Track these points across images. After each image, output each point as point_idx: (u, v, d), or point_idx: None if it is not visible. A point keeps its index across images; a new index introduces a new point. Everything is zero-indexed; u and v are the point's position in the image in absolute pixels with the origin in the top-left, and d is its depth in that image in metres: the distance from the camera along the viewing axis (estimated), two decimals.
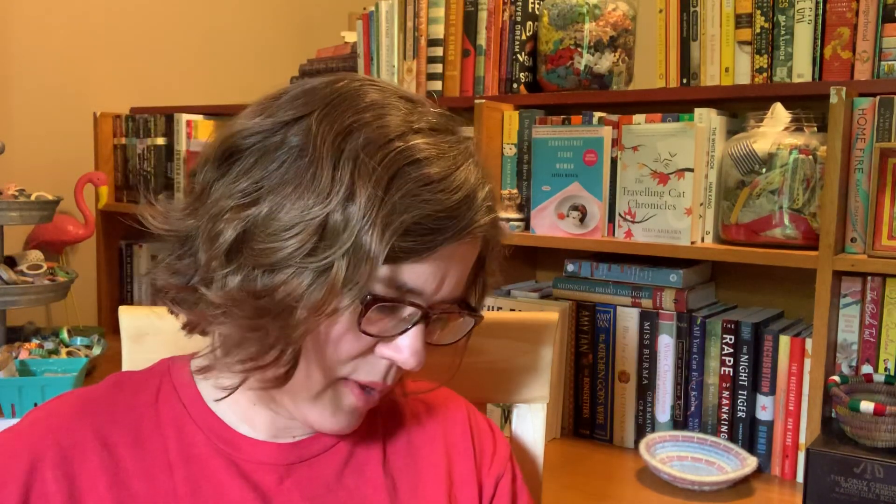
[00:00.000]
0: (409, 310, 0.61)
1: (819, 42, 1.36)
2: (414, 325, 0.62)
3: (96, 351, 1.86)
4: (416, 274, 0.60)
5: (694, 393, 1.44)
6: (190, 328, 0.66)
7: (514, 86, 1.70)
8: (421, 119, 0.61)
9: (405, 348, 0.62)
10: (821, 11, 1.36)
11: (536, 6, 1.72)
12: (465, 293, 0.67)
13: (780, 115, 1.35)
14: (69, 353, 1.80)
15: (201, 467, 0.64)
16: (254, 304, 0.58)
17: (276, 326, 0.58)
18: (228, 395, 0.64)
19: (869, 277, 1.30)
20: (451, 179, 0.60)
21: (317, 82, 0.63)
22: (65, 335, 1.90)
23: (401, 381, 0.72)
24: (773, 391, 1.37)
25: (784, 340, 1.36)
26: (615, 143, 1.48)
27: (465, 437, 0.75)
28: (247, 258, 0.58)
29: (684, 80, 1.50)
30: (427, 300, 0.61)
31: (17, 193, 1.83)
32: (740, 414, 1.40)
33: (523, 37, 1.70)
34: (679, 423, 1.46)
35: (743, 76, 1.44)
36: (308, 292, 0.56)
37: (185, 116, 2.12)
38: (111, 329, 2.18)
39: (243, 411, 0.67)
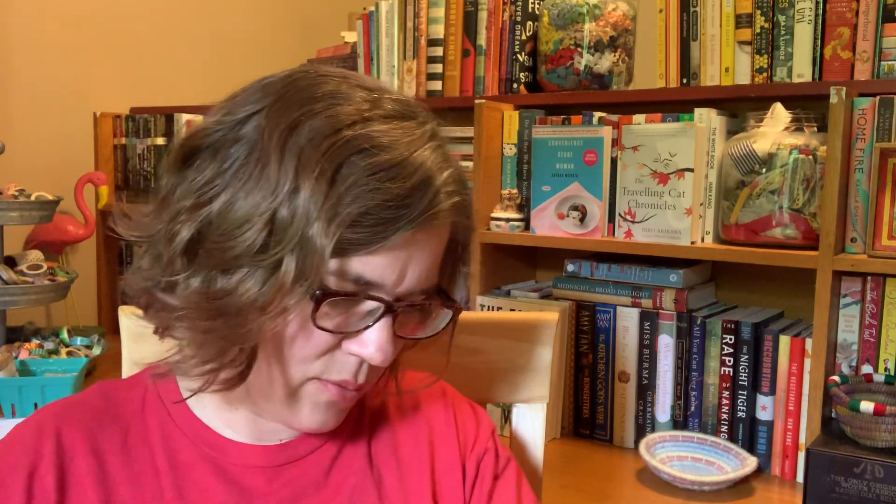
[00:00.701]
0: (370, 303, 0.60)
1: (819, 42, 1.36)
2: (378, 319, 0.60)
3: (96, 351, 1.86)
4: (373, 266, 0.58)
5: (694, 393, 1.44)
6: (160, 333, 0.65)
7: (514, 86, 1.70)
8: (376, 107, 0.60)
9: (370, 343, 0.60)
10: (821, 11, 1.36)
11: (536, 6, 1.72)
12: (439, 283, 0.65)
13: (780, 115, 1.35)
14: (69, 353, 1.80)
15: (187, 473, 0.64)
16: (209, 307, 0.58)
17: (232, 328, 0.57)
18: (191, 395, 0.65)
19: (869, 277, 1.30)
20: (404, 166, 0.58)
21: (275, 77, 0.63)
22: (65, 335, 1.90)
23: (394, 379, 0.72)
24: (773, 391, 1.37)
25: (784, 340, 1.36)
26: (615, 143, 1.48)
27: (448, 424, 0.74)
28: (203, 259, 0.58)
29: (684, 80, 1.50)
30: (390, 292, 0.60)
31: (17, 193, 1.83)
32: (740, 414, 1.40)
33: (523, 37, 1.70)
34: (679, 423, 1.46)
35: (743, 76, 1.44)
36: (260, 291, 0.56)
37: (185, 116, 2.12)
38: (111, 329, 2.18)
39: (226, 415, 0.67)
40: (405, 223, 0.57)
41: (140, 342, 0.82)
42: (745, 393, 1.39)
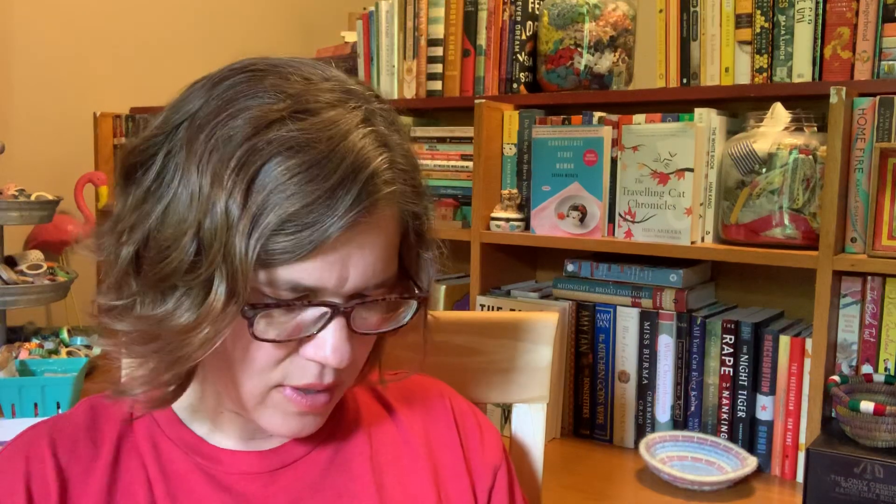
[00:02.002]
0: (316, 309, 0.58)
1: (819, 42, 1.36)
2: (328, 321, 0.58)
3: (96, 351, 1.86)
4: (307, 272, 0.56)
5: (694, 393, 1.44)
6: (112, 356, 0.63)
7: (514, 86, 1.70)
8: (298, 102, 0.56)
9: (324, 345, 0.58)
10: (821, 11, 1.36)
11: (536, 6, 1.72)
12: (397, 273, 0.63)
13: (780, 115, 1.35)
14: (69, 353, 1.80)
15: (181, 483, 0.64)
16: (150, 331, 0.57)
17: (173, 350, 0.56)
18: (140, 415, 0.64)
19: (869, 277, 1.30)
20: (324, 165, 0.54)
21: (206, 78, 0.61)
22: (65, 335, 1.90)
23: (378, 370, 0.70)
24: (773, 391, 1.37)
25: (784, 340, 1.36)
26: (615, 143, 1.48)
27: (449, 428, 0.74)
28: (143, 281, 0.57)
29: (684, 80, 1.50)
30: (336, 293, 0.58)
31: (17, 193, 1.83)
32: (740, 414, 1.40)
33: (523, 37, 1.70)
34: (679, 423, 1.46)
35: (743, 76, 1.44)
36: (197, 311, 0.55)
37: None
38: None
39: (215, 422, 0.67)
40: (332, 224, 0.54)
41: None
42: (745, 393, 1.39)
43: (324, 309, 0.58)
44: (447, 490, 0.70)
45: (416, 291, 0.64)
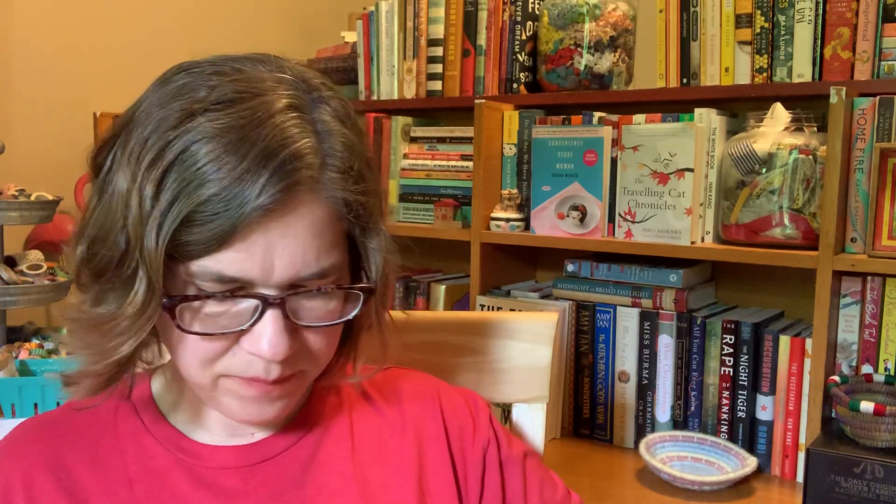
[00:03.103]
0: (248, 301, 0.57)
1: (819, 42, 1.36)
2: (261, 314, 0.57)
3: None
4: (228, 262, 0.55)
5: (694, 393, 1.44)
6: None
7: (514, 86, 1.70)
8: (216, 92, 0.56)
9: (260, 338, 0.57)
10: (821, 11, 1.36)
11: (536, 6, 1.72)
12: (340, 263, 0.61)
13: (780, 115, 1.35)
14: (69, 353, 1.80)
15: (161, 480, 0.64)
16: (87, 325, 0.59)
17: (106, 343, 0.58)
18: (88, 407, 0.66)
19: (869, 277, 1.30)
20: (236, 151, 0.53)
21: (154, 82, 0.62)
22: (65, 335, 1.90)
23: (351, 364, 0.69)
24: (773, 391, 1.37)
25: (784, 340, 1.36)
26: (615, 143, 1.48)
27: (435, 421, 0.73)
28: (89, 277, 0.60)
29: (684, 80, 1.50)
30: (265, 285, 0.57)
31: (17, 193, 1.83)
32: (740, 414, 1.40)
33: (523, 37, 1.70)
34: (679, 423, 1.46)
35: (743, 76, 1.44)
36: (126, 304, 0.56)
37: None
38: None
39: (197, 417, 0.67)
40: (243, 212, 0.53)
41: None
42: (745, 393, 1.39)
43: (254, 301, 0.57)
44: (429, 485, 0.70)
45: (365, 283, 0.63)
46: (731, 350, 1.40)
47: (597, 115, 1.53)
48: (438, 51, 1.78)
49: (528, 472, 0.76)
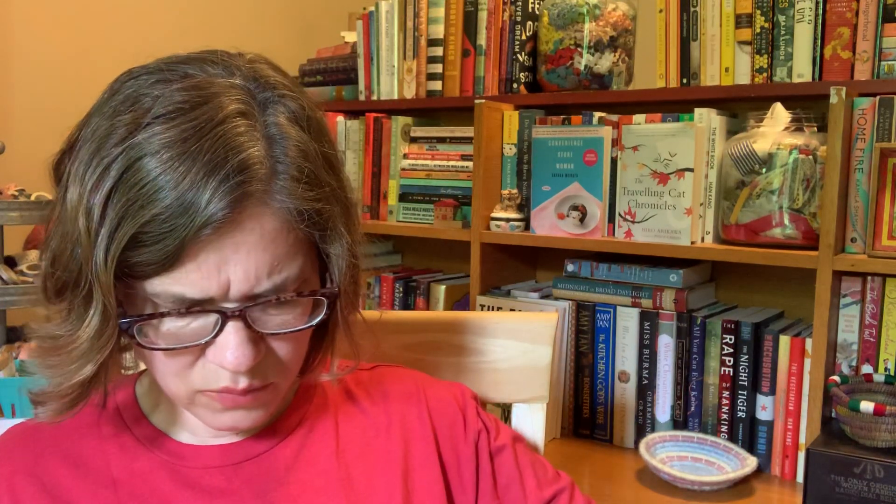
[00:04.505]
0: (206, 315, 0.56)
1: (819, 42, 1.36)
2: (221, 326, 0.56)
3: None
4: (182, 280, 0.54)
5: (694, 393, 1.44)
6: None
7: (514, 86, 1.70)
8: (161, 104, 0.54)
9: (224, 350, 0.57)
10: (821, 11, 1.36)
11: (536, 6, 1.72)
12: (308, 270, 0.60)
13: (780, 115, 1.35)
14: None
15: (145, 481, 0.64)
16: (49, 346, 0.58)
17: (68, 363, 0.57)
18: (60, 419, 0.63)
19: (869, 277, 1.30)
20: (182, 167, 0.51)
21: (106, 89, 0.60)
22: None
23: (329, 361, 0.69)
24: (773, 391, 1.37)
25: (784, 340, 1.36)
26: (615, 143, 1.48)
27: (422, 420, 0.73)
28: (52, 293, 0.58)
29: (684, 80, 1.50)
30: (223, 298, 0.55)
31: (17, 193, 1.83)
32: (740, 414, 1.40)
33: (523, 37, 1.70)
34: (679, 423, 1.46)
35: (743, 76, 1.44)
36: (84, 325, 0.55)
37: None
38: None
39: (179, 418, 0.67)
40: (191, 231, 0.52)
41: None
42: (745, 393, 1.39)
43: (214, 315, 0.56)
44: (415, 483, 0.70)
45: (326, 288, 0.62)
46: (731, 350, 1.40)
47: (597, 115, 1.53)
48: (438, 51, 1.78)
49: (518, 455, 0.76)
